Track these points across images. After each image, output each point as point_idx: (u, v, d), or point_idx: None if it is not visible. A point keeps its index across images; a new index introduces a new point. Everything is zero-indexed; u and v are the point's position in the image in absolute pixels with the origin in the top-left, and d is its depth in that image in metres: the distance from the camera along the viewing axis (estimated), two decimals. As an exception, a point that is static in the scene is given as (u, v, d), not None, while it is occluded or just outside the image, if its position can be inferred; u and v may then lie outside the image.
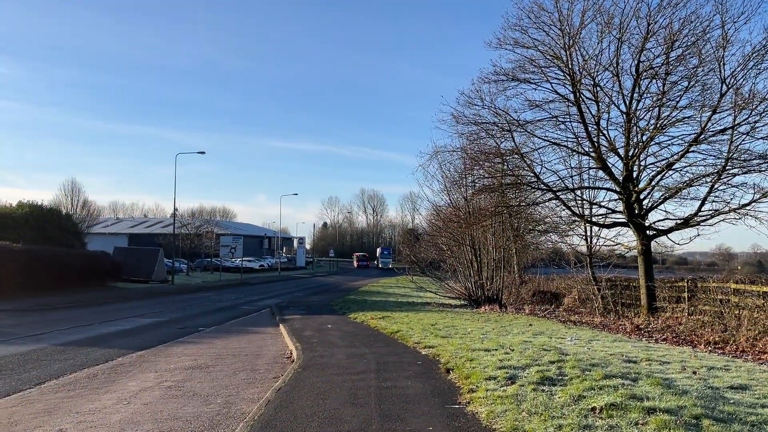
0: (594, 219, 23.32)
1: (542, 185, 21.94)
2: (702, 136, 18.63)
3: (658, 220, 20.90)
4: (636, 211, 20.47)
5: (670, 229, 20.34)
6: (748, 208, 18.28)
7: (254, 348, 14.32)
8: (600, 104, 20.66)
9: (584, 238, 25.16)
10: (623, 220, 21.32)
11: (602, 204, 22.93)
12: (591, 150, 21.22)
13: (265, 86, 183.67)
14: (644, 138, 20.08)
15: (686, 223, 19.77)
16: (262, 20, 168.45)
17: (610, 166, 21.27)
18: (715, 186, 18.84)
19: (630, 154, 20.41)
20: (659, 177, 20.14)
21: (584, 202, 23.75)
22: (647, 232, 20.61)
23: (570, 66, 20.44)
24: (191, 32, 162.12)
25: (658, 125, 19.50)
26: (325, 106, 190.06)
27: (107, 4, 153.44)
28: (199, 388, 9.52)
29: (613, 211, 22.10)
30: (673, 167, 19.77)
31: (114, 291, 32.67)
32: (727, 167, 18.44)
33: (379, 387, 8.50)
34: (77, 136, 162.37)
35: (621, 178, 20.68)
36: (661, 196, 20.43)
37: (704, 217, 19.37)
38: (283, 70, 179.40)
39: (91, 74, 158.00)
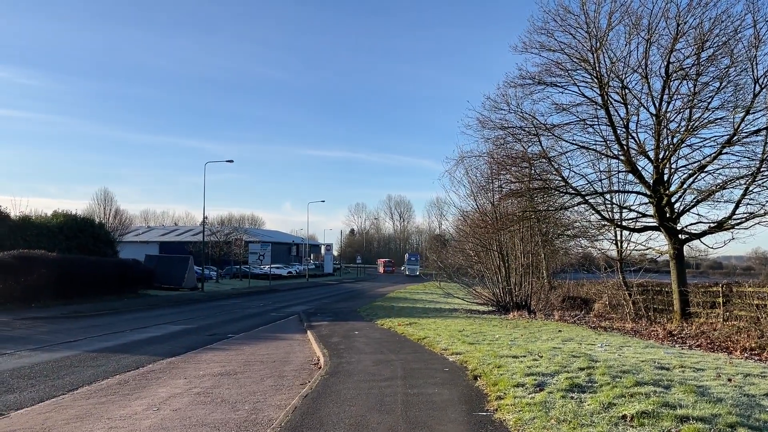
0: (624, 223, 22.95)
1: (570, 189, 21.69)
2: (735, 137, 18.20)
3: (691, 224, 20.50)
4: (667, 215, 20.08)
5: (703, 233, 19.90)
6: (784, 210, 17.80)
7: (282, 354, 14.39)
8: (629, 107, 20.37)
9: (614, 242, 24.79)
10: (654, 224, 20.94)
11: (632, 208, 22.59)
12: (620, 153, 20.91)
13: (292, 95, 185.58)
14: (675, 140, 19.71)
15: (720, 226, 19.31)
16: (289, 30, 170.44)
17: (639, 169, 20.94)
18: (750, 188, 18.37)
19: (660, 156, 20.05)
20: (691, 180, 19.74)
21: (614, 206, 23.43)
22: (679, 236, 20.20)
23: (597, 68, 20.20)
24: (220, 43, 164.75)
25: (690, 127, 19.12)
26: (351, 114, 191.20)
27: (140, 18, 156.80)
28: (228, 394, 9.59)
29: (644, 215, 21.72)
30: (706, 170, 19.36)
31: (145, 298, 33.18)
32: (762, 169, 17.97)
33: (406, 394, 8.46)
34: (109, 147, 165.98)
35: (651, 182, 20.32)
36: (694, 199, 20.02)
37: (739, 221, 18.89)
38: (310, 79, 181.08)
39: (122, 86, 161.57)
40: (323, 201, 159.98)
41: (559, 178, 22.04)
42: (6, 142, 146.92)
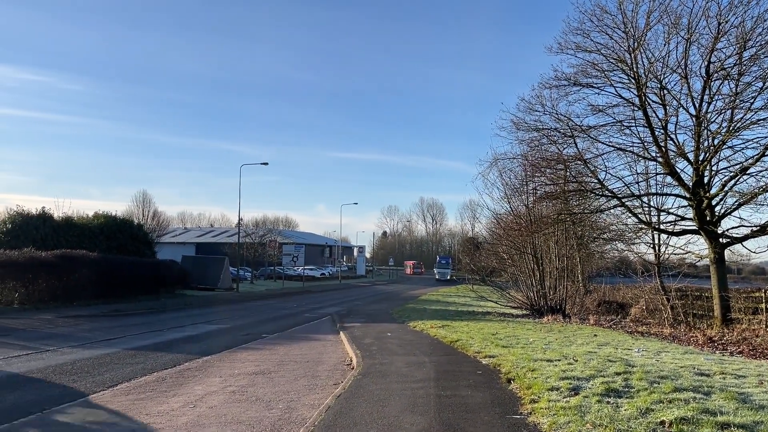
0: (662, 226, 22.50)
1: (607, 192, 21.35)
2: (779, 139, 17.70)
3: (732, 228, 20.00)
4: (707, 218, 19.61)
5: (745, 237, 19.38)
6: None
7: (315, 355, 14.49)
8: (667, 107, 19.97)
9: (652, 246, 24.33)
10: (694, 228, 20.47)
11: (671, 211, 22.14)
12: (658, 155, 20.52)
13: (325, 98, 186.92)
14: (716, 142, 19.24)
15: (763, 230, 18.77)
16: (321, 34, 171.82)
17: (678, 171, 20.51)
18: (795, 191, 17.84)
19: (700, 158, 19.60)
20: (732, 182, 19.24)
21: (651, 209, 22.98)
22: (720, 239, 19.71)
23: (635, 69, 19.86)
24: (252, 48, 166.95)
25: (731, 128, 18.64)
26: (384, 116, 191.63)
27: (178, 24, 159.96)
28: (262, 393, 9.70)
29: (683, 218, 21.26)
30: (748, 171, 18.84)
31: (181, 298, 33.77)
32: (808, 171, 17.44)
33: (439, 396, 8.44)
34: (148, 150, 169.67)
35: (691, 184, 19.88)
36: (735, 202, 19.50)
37: (783, 224, 18.35)
38: (344, 82, 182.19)
39: (160, 91, 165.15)
40: (356, 203, 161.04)
41: (595, 181, 21.73)
42: (49, 146, 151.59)
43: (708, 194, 19.55)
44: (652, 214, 23.07)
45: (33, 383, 10.22)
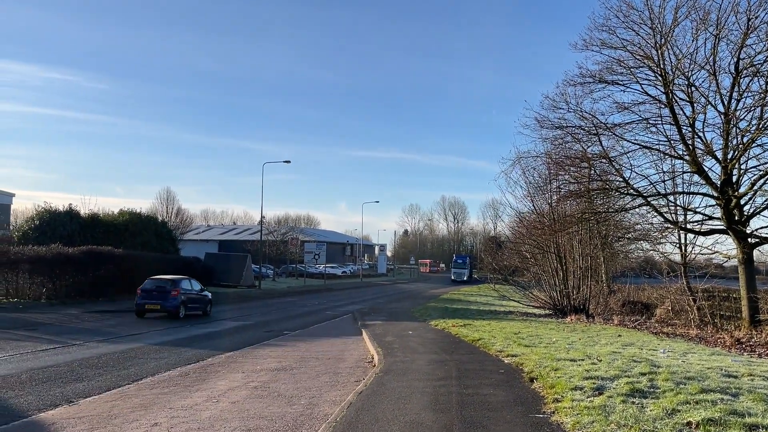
0: (689, 226, 22.13)
1: (632, 191, 21.06)
2: (811, 136, 17.29)
3: (762, 227, 19.62)
4: (736, 218, 19.23)
5: (775, 237, 18.98)
6: None
7: (337, 352, 14.54)
8: (695, 105, 19.62)
9: (678, 245, 23.97)
10: (722, 227, 20.09)
11: (698, 210, 21.74)
12: (685, 153, 20.18)
13: (347, 97, 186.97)
14: (745, 140, 18.85)
15: (793, 230, 18.37)
16: (341, 33, 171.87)
17: (706, 169, 20.13)
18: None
19: (729, 157, 19.23)
20: (762, 181, 18.81)
21: (678, 208, 22.61)
22: (749, 239, 19.32)
23: (662, 66, 19.55)
24: (272, 47, 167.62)
25: (761, 126, 18.24)
26: (405, 115, 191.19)
27: (199, 23, 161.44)
28: (284, 389, 9.75)
29: (710, 218, 20.87)
30: (778, 170, 18.44)
31: (205, 295, 34.06)
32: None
33: (461, 394, 8.40)
34: (171, 148, 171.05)
35: (719, 183, 19.51)
36: (765, 201, 19.11)
37: (814, 224, 17.93)
38: (365, 81, 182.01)
39: (182, 89, 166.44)
40: (377, 201, 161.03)
41: (620, 179, 21.44)
42: (75, 144, 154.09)
43: (736, 193, 19.18)
44: (678, 213, 22.71)
45: (60, 377, 10.39)
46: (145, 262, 30.38)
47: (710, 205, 21.06)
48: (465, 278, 77.62)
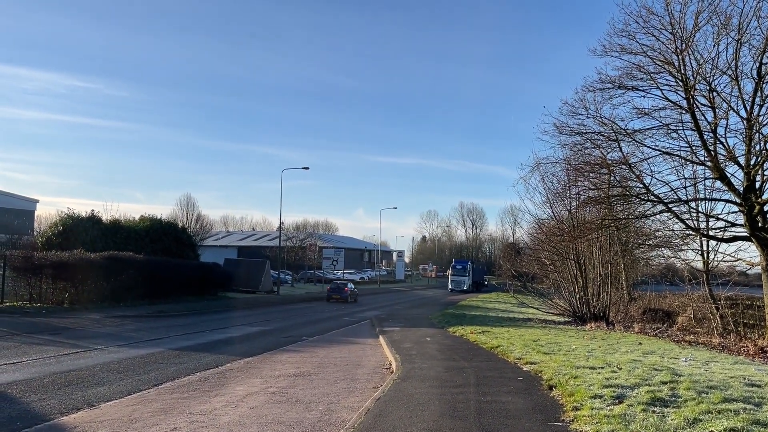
0: (711, 233, 21.83)
1: (653, 197, 20.83)
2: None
3: (786, 234, 19.21)
4: (759, 224, 18.93)
5: (800, 244, 18.64)
6: None
7: (354, 358, 14.55)
8: (717, 110, 19.37)
9: (700, 253, 23.65)
10: (745, 234, 19.79)
11: (720, 216, 21.42)
12: (707, 159, 19.92)
13: (363, 102, 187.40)
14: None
15: (819, 237, 18.04)
16: (360, 38, 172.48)
17: (728, 175, 19.85)
18: None
19: (752, 162, 18.95)
20: (786, 187, 18.55)
21: (700, 214, 22.32)
22: (773, 246, 19.00)
23: (683, 71, 19.35)
24: (291, 52, 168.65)
25: (785, 131, 17.99)
26: (423, 120, 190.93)
27: (219, 30, 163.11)
28: (302, 394, 9.79)
29: (733, 224, 20.56)
30: (803, 176, 18.15)
31: (224, 300, 34.35)
32: None
33: (479, 401, 8.36)
34: (191, 155, 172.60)
35: (741, 189, 19.23)
36: (789, 207, 18.78)
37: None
38: (381, 86, 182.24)
39: (201, 95, 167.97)
40: (395, 207, 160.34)
41: (641, 185, 21.22)
42: (97, 150, 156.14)
43: (760, 199, 18.88)
44: (700, 219, 22.42)
45: (82, 381, 10.53)
46: (166, 268, 30.67)
47: (733, 212, 20.76)
48: (465, 287, 67.69)
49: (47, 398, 9.03)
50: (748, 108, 18.67)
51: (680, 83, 19.55)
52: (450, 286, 68.87)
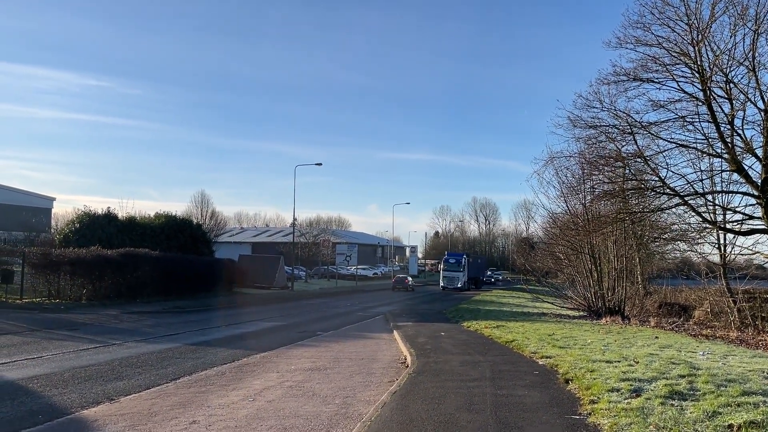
0: (728, 226, 21.61)
1: (668, 190, 20.66)
2: None
3: (805, 227, 19.00)
4: (777, 217, 18.73)
5: (819, 237, 18.42)
6: None
7: (369, 352, 14.59)
8: (734, 102, 19.18)
9: (717, 246, 23.41)
10: (763, 227, 19.58)
11: (737, 209, 21.21)
12: (724, 151, 19.74)
13: (377, 99, 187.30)
14: (786, 137, 18.36)
15: (838, 229, 17.81)
16: (372, 36, 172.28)
17: (746, 168, 19.67)
18: None
19: (770, 154, 18.74)
20: (805, 179, 18.31)
21: (716, 207, 22.11)
22: (791, 239, 18.80)
23: (699, 62, 19.17)
24: (303, 50, 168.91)
25: (803, 122, 17.77)
26: (436, 116, 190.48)
27: (233, 30, 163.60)
28: (318, 388, 9.84)
29: (751, 217, 20.35)
30: (822, 168, 17.91)
31: (239, 296, 34.57)
32: None
33: (495, 395, 8.36)
34: (205, 152, 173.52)
35: (759, 181, 19.02)
36: (808, 200, 18.55)
37: None
38: (393, 83, 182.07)
39: (214, 94, 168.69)
40: (408, 203, 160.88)
41: (656, 179, 21.06)
42: (112, 149, 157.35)
43: (778, 192, 18.68)
44: (717, 212, 22.21)
45: (101, 375, 10.66)
46: (181, 264, 30.93)
47: (750, 205, 20.58)
48: (459, 285, 56.99)
49: (67, 392, 9.15)
50: (766, 99, 18.47)
51: (696, 75, 19.37)
52: (442, 284, 58.39)
